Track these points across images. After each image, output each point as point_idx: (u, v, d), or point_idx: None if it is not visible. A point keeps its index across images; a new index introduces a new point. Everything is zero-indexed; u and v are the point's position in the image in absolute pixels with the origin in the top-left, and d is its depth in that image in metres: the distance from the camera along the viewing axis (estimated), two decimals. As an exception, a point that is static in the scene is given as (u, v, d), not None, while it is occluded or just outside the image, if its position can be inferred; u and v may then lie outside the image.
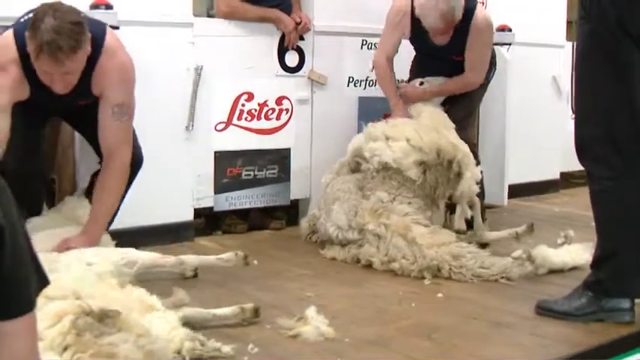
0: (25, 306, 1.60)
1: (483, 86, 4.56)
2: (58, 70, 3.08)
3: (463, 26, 4.26)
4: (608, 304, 3.05)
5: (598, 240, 3.14)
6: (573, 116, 5.87)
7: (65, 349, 2.11)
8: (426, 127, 4.14)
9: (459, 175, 4.01)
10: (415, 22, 4.30)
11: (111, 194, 3.37)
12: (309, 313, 2.92)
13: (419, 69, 4.63)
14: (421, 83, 4.46)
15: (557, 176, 6.14)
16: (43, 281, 1.62)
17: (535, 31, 5.12)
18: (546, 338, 2.90)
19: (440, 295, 3.42)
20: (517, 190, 5.65)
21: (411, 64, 4.73)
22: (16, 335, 1.58)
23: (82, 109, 3.45)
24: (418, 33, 4.35)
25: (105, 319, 2.21)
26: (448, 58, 4.41)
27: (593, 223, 4.64)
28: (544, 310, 3.15)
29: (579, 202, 5.74)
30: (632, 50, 2.93)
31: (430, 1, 4.13)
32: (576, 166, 6.23)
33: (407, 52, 4.62)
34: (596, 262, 3.14)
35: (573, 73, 3.17)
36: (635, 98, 2.98)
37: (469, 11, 4.27)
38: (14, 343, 1.58)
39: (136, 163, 3.54)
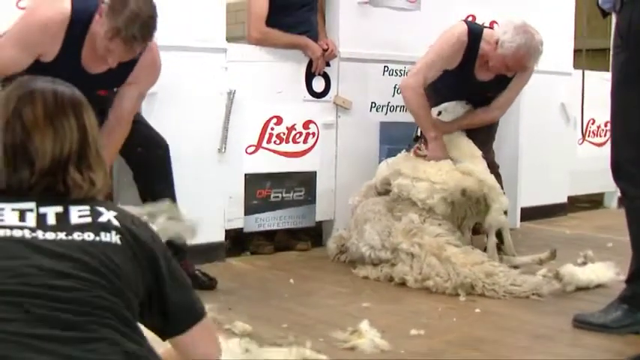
0: (194, 317, 1.81)
1: None
2: (123, 55, 3.22)
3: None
4: None
5: (633, 256, 3.28)
6: (581, 141, 6.15)
7: None
8: (448, 167, 4.24)
9: (487, 207, 4.16)
10: (468, 54, 4.34)
11: (115, 146, 3.53)
12: (363, 326, 3.04)
13: (436, 92, 4.57)
14: (439, 113, 4.54)
15: (566, 200, 6.30)
16: None
17: (544, 59, 5.27)
18: (588, 349, 3.04)
19: (477, 310, 3.55)
20: (527, 213, 5.82)
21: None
22: (194, 343, 1.81)
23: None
24: (465, 67, 4.37)
25: None
26: (481, 93, 4.51)
27: (608, 244, 4.88)
28: (581, 323, 3.28)
29: (589, 224, 5.94)
30: None
31: (537, 47, 4.25)
32: (582, 190, 6.55)
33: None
34: (632, 277, 3.28)
35: (610, 100, 3.31)
36: None
37: None
38: (194, 350, 1.81)
39: (165, 146, 3.77)
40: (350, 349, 2.94)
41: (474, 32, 4.35)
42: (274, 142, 4.61)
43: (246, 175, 4.51)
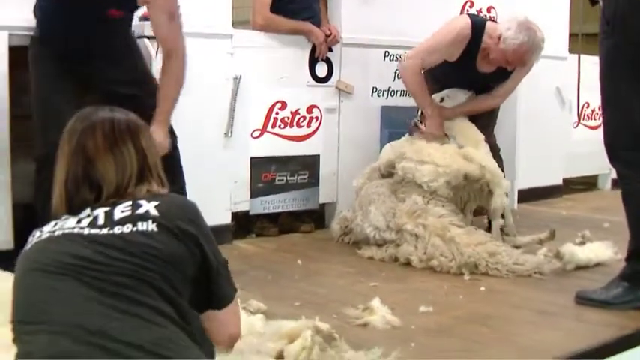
0: (230, 297, 2.05)
1: None
2: None
3: None
4: None
5: (631, 235, 3.39)
6: (576, 124, 6.26)
7: None
8: (452, 151, 4.35)
9: (490, 192, 4.26)
10: (470, 47, 4.43)
11: (175, 81, 3.53)
12: (374, 303, 3.14)
13: (437, 83, 4.71)
14: (442, 99, 4.64)
15: (561, 182, 6.42)
16: None
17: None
18: (592, 323, 3.15)
19: (482, 288, 3.66)
20: (524, 195, 5.93)
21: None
22: (227, 321, 2.03)
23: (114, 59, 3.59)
24: (466, 58, 4.46)
25: (332, 340, 2.41)
26: (482, 83, 4.63)
27: (605, 224, 5.00)
28: (584, 299, 3.39)
29: (584, 206, 6.06)
30: None
31: (539, 43, 4.35)
32: (577, 172, 6.65)
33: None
34: (631, 256, 3.39)
35: (599, 85, 3.41)
36: None
37: None
38: (225, 328, 2.03)
39: (174, 135, 3.73)
40: (363, 325, 3.04)
41: (477, 26, 4.45)
42: (279, 126, 4.70)
43: (251, 158, 4.60)
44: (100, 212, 1.89)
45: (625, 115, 3.27)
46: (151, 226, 1.86)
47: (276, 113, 4.68)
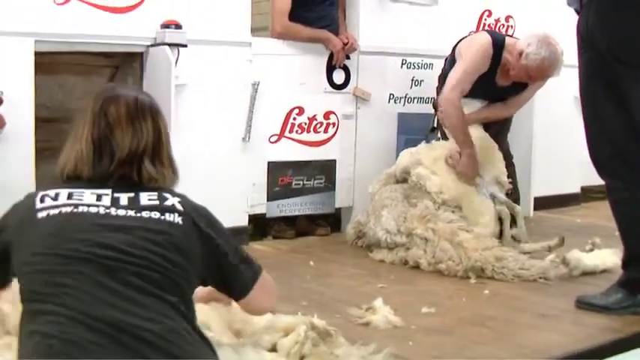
0: (253, 279, 2.14)
1: None
2: None
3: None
4: None
5: (623, 244, 3.49)
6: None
7: (302, 358, 2.36)
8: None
9: None
10: (493, 62, 4.54)
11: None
12: (377, 303, 3.25)
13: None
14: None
15: (579, 190, 6.47)
16: None
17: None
18: (590, 327, 3.24)
19: (486, 291, 3.75)
20: (541, 203, 5.99)
21: (439, 82, 4.96)
22: (256, 300, 2.16)
23: None
24: (487, 74, 4.56)
25: (326, 336, 2.50)
26: (499, 95, 4.74)
27: (616, 232, 5.03)
28: (584, 304, 3.48)
29: (600, 214, 6.06)
30: (624, 73, 3.27)
31: (559, 57, 4.46)
32: (596, 180, 6.64)
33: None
34: (625, 263, 3.48)
35: (580, 100, 3.53)
36: (634, 116, 3.30)
37: None
38: (259, 304, 2.21)
39: None
40: (365, 324, 3.15)
41: (498, 42, 4.57)
42: (296, 131, 4.83)
43: (269, 162, 4.73)
44: (123, 196, 1.97)
45: (604, 128, 3.37)
46: (177, 219, 1.95)
47: (294, 119, 4.81)
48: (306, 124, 4.86)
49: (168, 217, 1.94)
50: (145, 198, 1.97)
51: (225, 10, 4.44)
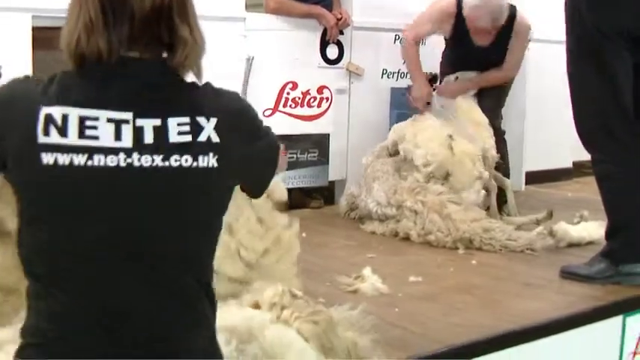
0: (272, 176, 1.91)
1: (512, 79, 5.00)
2: None
3: (506, 29, 4.71)
4: (624, 269, 3.46)
5: (607, 215, 3.59)
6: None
7: (282, 308, 2.38)
8: (441, 140, 4.52)
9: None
10: (459, 23, 4.73)
11: None
12: (365, 272, 3.36)
13: (450, 66, 5.00)
14: (456, 78, 4.90)
15: (570, 165, 6.54)
16: None
17: (550, 29, 5.50)
18: (571, 295, 3.34)
19: (474, 262, 3.85)
20: (533, 178, 6.08)
21: (440, 63, 5.15)
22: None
23: None
24: (460, 34, 4.77)
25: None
26: (485, 58, 4.84)
27: (603, 204, 5.13)
28: (568, 273, 3.58)
29: (591, 188, 6.07)
30: (612, 49, 3.36)
31: (487, 2, 4.58)
32: (587, 156, 6.72)
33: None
34: (609, 234, 3.58)
35: (567, 77, 3.60)
36: (621, 92, 3.40)
37: (511, 15, 4.73)
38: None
39: None
40: (353, 291, 3.25)
41: (459, 1, 4.74)
42: (290, 105, 4.91)
43: (263, 136, 4.79)
44: (148, 124, 1.57)
45: (593, 104, 3.45)
46: (212, 161, 1.60)
47: (287, 93, 4.88)
48: (299, 98, 4.93)
49: (202, 161, 1.59)
50: (175, 130, 1.58)
51: (219, -14, 4.51)
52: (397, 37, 5.31)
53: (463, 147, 4.44)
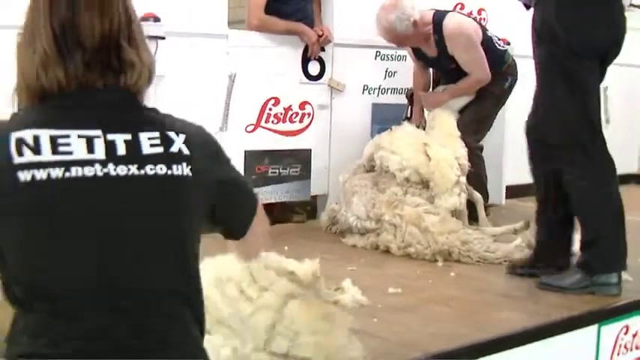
0: (252, 213, 1.88)
1: (498, 97, 5.10)
2: None
3: (438, 38, 4.81)
4: (599, 280, 3.55)
5: (581, 228, 3.68)
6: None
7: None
8: (418, 146, 4.63)
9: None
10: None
11: None
12: (345, 284, 3.40)
13: (437, 81, 5.24)
14: (443, 90, 5.04)
15: (550, 179, 6.62)
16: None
17: (529, 44, 5.61)
18: (547, 305, 3.40)
19: (452, 274, 3.93)
20: (513, 191, 6.14)
21: None
22: (251, 236, 1.88)
23: None
24: (414, 49, 5.03)
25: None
26: (444, 67, 5.00)
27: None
28: (544, 284, 3.65)
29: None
30: (585, 68, 3.48)
31: (377, 20, 4.78)
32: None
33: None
34: (583, 247, 3.67)
35: (535, 86, 3.70)
36: (589, 107, 3.52)
37: (438, 23, 4.82)
38: (255, 240, 1.92)
39: None
40: (333, 303, 3.29)
41: None
42: (272, 121, 4.97)
43: (245, 152, 4.86)
44: (119, 139, 1.59)
45: (561, 117, 3.55)
46: (186, 170, 1.63)
47: (270, 109, 4.95)
48: (282, 114, 5.00)
49: (176, 169, 1.62)
50: (147, 142, 1.61)
51: (202, 4, 4.57)
52: (378, 54, 5.40)
53: (439, 153, 4.51)
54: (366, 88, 5.38)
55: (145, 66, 1.69)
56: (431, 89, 5.31)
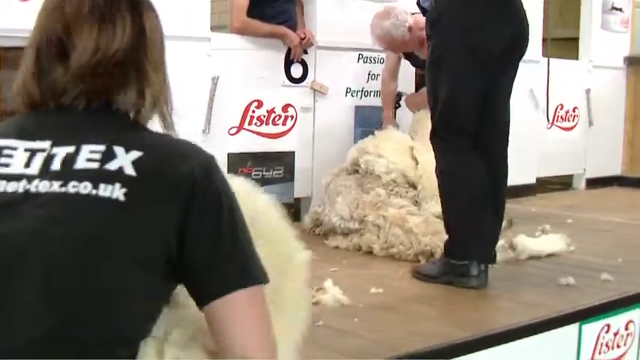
0: (240, 279, 1.46)
1: None
2: None
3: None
4: (458, 270, 3.60)
5: (442, 212, 3.74)
6: (549, 125, 6.56)
7: None
8: (405, 148, 4.67)
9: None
10: None
11: None
12: (327, 284, 3.41)
13: (421, 82, 5.26)
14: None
15: (534, 181, 6.66)
16: None
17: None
18: (528, 304, 3.41)
19: (435, 274, 3.92)
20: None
21: None
22: (233, 315, 1.42)
23: None
24: (405, 52, 5.04)
25: None
26: None
27: (568, 220, 5.25)
28: (417, 273, 3.76)
29: (554, 204, 6.29)
30: (464, 61, 3.51)
31: (372, 28, 4.82)
32: (550, 172, 6.90)
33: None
34: (446, 231, 3.72)
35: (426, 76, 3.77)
36: (462, 98, 3.57)
37: None
38: (231, 326, 1.43)
39: None
40: (314, 303, 3.29)
41: None
42: (255, 124, 4.98)
43: (228, 154, 4.86)
44: (61, 152, 1.39)
45: (438, 103, 3.60)
46: (117, 193, 1.35)
47: (253, 112, 4.96)
48: (264, 116, 5.01)
49: (103, 190, 1.35)
50: (85, 156, 1.39)
51: (185, 7, 4.58)
52: (360, 57, 5.42)
53: (426, 157, 4.52)
54: (349, 90, 5.40)
55: (145, 104, 1.55)
56: (413, 90, 5.33)
